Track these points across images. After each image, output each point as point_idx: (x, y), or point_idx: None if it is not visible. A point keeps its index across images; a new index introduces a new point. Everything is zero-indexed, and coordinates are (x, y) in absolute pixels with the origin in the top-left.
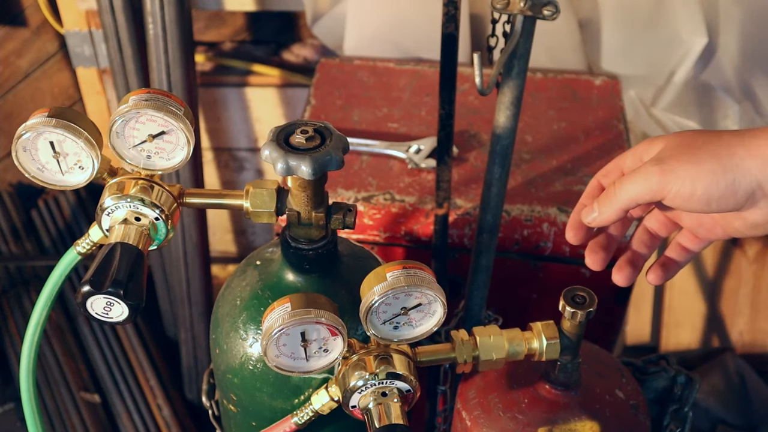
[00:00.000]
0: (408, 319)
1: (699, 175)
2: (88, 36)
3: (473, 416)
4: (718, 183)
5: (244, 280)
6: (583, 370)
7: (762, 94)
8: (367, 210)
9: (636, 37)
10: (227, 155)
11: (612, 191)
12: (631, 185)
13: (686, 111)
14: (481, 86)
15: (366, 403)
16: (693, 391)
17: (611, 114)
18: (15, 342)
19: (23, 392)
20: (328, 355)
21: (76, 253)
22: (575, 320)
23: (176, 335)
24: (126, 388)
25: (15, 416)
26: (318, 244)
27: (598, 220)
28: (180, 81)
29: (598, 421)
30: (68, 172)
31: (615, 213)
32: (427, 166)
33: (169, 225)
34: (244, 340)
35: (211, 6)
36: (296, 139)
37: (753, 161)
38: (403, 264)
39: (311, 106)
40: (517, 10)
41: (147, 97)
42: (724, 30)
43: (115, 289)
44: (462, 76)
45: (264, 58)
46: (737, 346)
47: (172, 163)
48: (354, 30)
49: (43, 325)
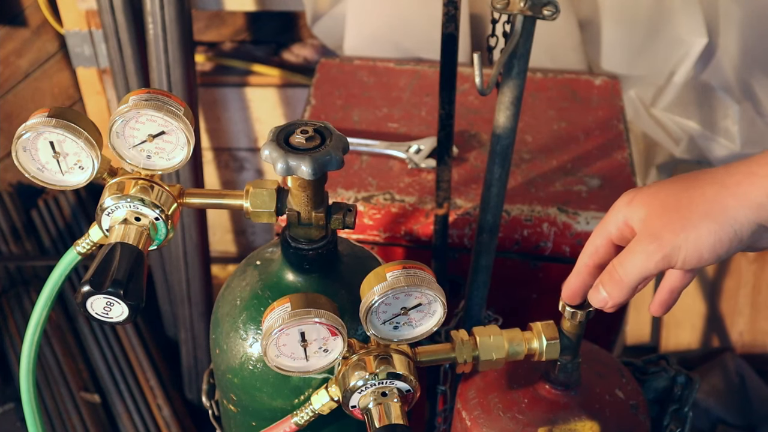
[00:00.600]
0: (408, 319)
1: (700, 240)
2: (88, 36)
3: (473, 416)
4: (722, 240)
5: (244, 280)
6: (583, 370)
7: (762, 94)
8: (367, 210)
9: (636, 37)
10: (227, 155)
11: (617, 275)
12: (634, 268)
13: (686, 111)
14: (481, 86)
15: (366, 403)
16: (693, 391)
17: (611, 114)
18: (15, 342)
19: (23, 392)
20: (328, 355)
21: (76, 253)
22: (575, 320)
23: (176, 335)
24: (126, 388)
25: (15, 416)
26: (318, 244)
27: (611, 304)
28: (180, 81)
29: (598, 421)
30: (68, 172)
31: (627, 294)
32: (427, 166)
33: (169, 225)
34: (244, 340)
35: (211, 6)
36: (296, 139)
37: (747, 210)
38: (403, 264)
39: (311, 106)
40: (517, 10)
41: (147, 97)
42: (724, 30)
43: (115, 289)
44: (462, 76)
45: (264, 58)
46: (737, 346)
47: (172, 163)
48: (354, 30)
49: (43, 325)
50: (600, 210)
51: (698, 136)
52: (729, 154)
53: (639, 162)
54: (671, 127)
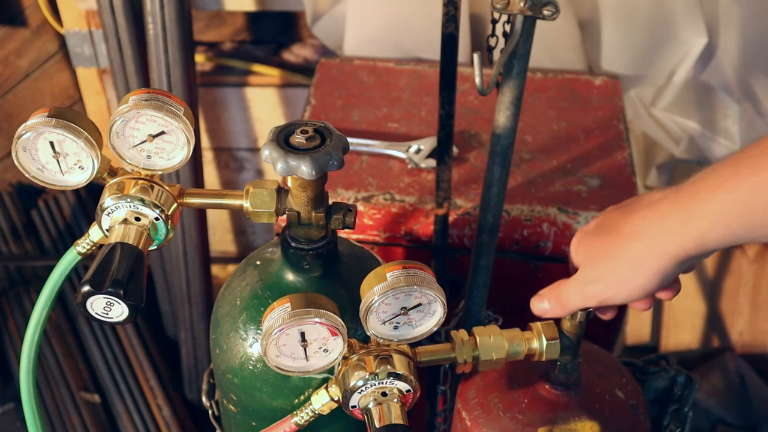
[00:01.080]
0: (408, 319)
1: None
2: (88, 36)
3: (473, 416)
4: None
5: (244, 280)
6: (583, 370)
7: (762, 94)
8: (367, 210)
9: (636, 37)
10: (227, 155)
11: (561, 298)
12: (571, 301)
13: (686, 111)
14: (481, 86)
15: (366, 403)
16: (693, 391)
17: (611, 114)
18: (15, 342)
19: (23, 392)
20: (328, 355)
21: (76, 253)
22: (575, 320)
23: (176, 335)
24: (126, 388)
25: (15, 416)
26: (318, 244)
27: (549, 315)
28: (180, 81)
29: (598, 421)
30: (68, 172)
31: (567, 314)
32: (427, 166)
33: (169, 225)
34: (244, 340)
35: (211, 6)
36: (296, 139)
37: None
38: (403, 264)
39: (311, 106)
40: (517, 10)
41: (147, 97)
42: (724, 30)
43: (115, 289)
44: (462, 76)
45: (264, 58)
46: (737, 346)
47: (172, 163)
48: (354, 30)
49: (43, 325)
50: (600, 210)
51: (698, 136)
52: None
53: (639, 162)
54: (671, 127)
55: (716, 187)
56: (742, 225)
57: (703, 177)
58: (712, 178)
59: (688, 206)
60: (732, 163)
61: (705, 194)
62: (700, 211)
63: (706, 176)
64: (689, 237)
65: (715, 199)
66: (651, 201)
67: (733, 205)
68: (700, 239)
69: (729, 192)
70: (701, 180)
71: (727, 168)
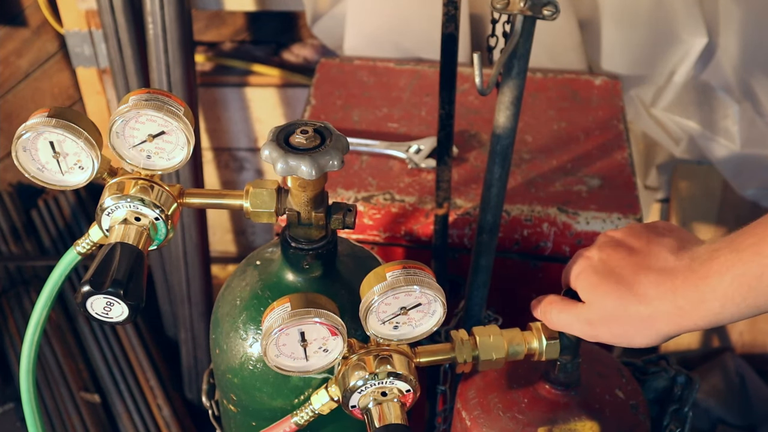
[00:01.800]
0: (408, 319)
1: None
2: (88, 36)
3: (473, 416)
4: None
5: (244, 280)
6: (583, 370)
7: (762, 94)
8: (367, 210)
9: (636, 37)
10: (227, 155)
11: (551, 319)
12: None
13: (686, 111)
14: (481, 86)
15: (366, 403)
16: (693, 391)
17: (611, 114)
18: (15, 342)
19: (23, 392)
20: (328, 355)
21: (76, 253)
22: None
23: (176, 335)
24: (126, 388)
25: (15, 416)
26: (318, 244)
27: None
28: (180, 81)
29: (598, 421)
30: (68, 172)
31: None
32: (427, 166)
33: (169, 225)
34: (244, 340)
35: (211, 6)
36: (296, 139)
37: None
38: (403, 264)
39: (311, 106)
40: (517, 10)
41: (147, 97)
42: (724, 30)
43: (115, 289)
44: (462, 76)
45: (264, 58)
46: (737, 346)
47: (172, 163)
48: (354, 30)
49: (43, 325)
50: (600, 210)
51: (698, 136)
52: (729, 154)
53: (639, 162)
54: (671, 127)
55: (724, 271)
56: (749, 306)
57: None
58: (718, 263)
59: (700, 288)
60: (735, 247)
61: (714, 280)
62: (711, 295)
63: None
64: (701, 315)
65: (723, 285)
66: (665, 266)
67: (740, 289)
68: (712, 318)
69: (735, 278)
70: (709, 261)
71: (731, 254)
